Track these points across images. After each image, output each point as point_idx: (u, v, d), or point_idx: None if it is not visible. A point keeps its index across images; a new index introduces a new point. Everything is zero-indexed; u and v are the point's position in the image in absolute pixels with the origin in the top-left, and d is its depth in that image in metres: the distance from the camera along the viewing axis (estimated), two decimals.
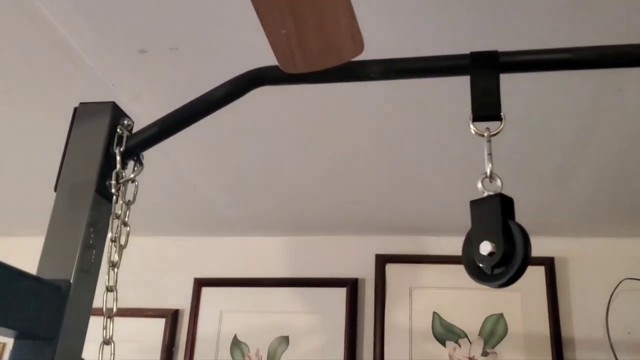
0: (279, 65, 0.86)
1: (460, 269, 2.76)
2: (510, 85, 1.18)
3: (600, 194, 2.01)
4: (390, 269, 2.43)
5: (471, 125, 0.84)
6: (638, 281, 2.20)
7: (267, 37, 0.82)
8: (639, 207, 2.08)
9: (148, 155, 1.01)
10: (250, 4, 0.75)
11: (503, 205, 0.78)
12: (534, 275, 2.34)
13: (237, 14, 1.21)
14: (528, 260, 0.74)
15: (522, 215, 2.09)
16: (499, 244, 0.75)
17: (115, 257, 0.86)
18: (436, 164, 1.88)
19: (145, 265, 2.56)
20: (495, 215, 0.77)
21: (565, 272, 2.34)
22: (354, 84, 1.38)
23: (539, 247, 2.36)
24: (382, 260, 2.42)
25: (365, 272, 2.42)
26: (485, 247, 0.76)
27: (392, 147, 1.79)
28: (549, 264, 2.34)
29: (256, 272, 2.49)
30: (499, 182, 0.81)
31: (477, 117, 0.84)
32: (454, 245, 2.42)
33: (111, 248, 0.87)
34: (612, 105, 1.51)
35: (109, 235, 0.86)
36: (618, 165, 1.82)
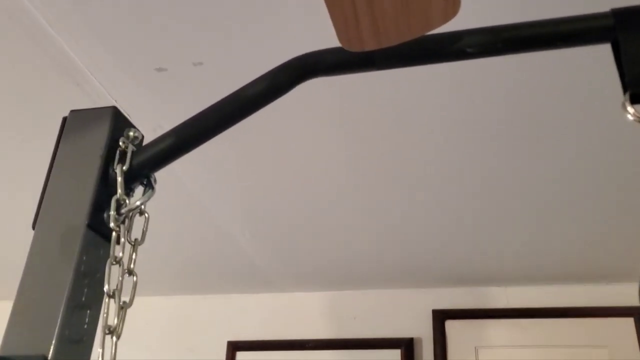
0: (340, 41, 0.61)
1: (534, 323, 2.38)
2: None
3: None
4: (451, 326, 2.11)
5: (629, 108, 0.57)
6: None
7: (327, 3, 0.57)
8: None
9: (163, 188, 0.76)
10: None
11: None
12: (622, 328, 1.99)
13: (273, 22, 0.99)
14: None
15: (597, 262, 1.77)
16: None
17: (114, 321, 0.60)
18: (499, 205, 1.60)
19: (171, 329, 2.28)
20: None
21: None
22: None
23: (627, 294, 2.02)
24: (441, 317, 2.11)
25: (422, 330, 2.11)
26: None
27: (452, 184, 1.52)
28: (639, 314, 1.99)
29: (297, 332, 2.18)
30: None
31: (635, 96, 0.57)
32: (523, 296, 2.10)
33: (108, 307, 0.60)
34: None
35: (105, 288, 0.60)
36: None
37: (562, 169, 1.46)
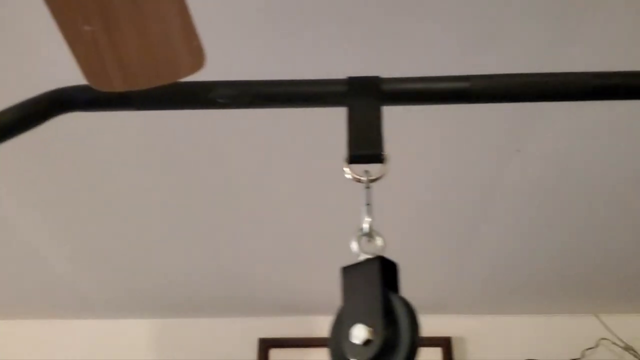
0: (86, 79, 0.62)
1: None
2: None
3: (498, 270, 1.89)
4: (276, 354, 2.14)
5: (346, 168, 0.63)
6: None
7: (64, 37, 0.59)
8: (540, 283, 1.97)
9: None
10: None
11: (384, 272, 0.56)
12: (430, 358, 2.14)
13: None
14: (415, 350, 0.52)
15: (419, 293, 1.91)
16: (378, 327, 0.53)
17: None
18: (324, 231, 1.68)
19: None
20: (373, 287, 0.55)
21: (463, 353, 2.17)
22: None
23: (435, 326, 2.18)
24: (266, 345, 2.14)
25: (247, 359, 2.12)
26: (360, 333, 0.53)
27: (273, 212, 1.58)
28: (446, 344, 2.15)
29: None
30: (379, 242, 0.60)
31: (354, 157, 0.64)
32: None
33: None
34: (512, 170, 1.39)
35: None
36: (517, 240, 1.70)
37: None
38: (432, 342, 2.15)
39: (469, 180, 1.42)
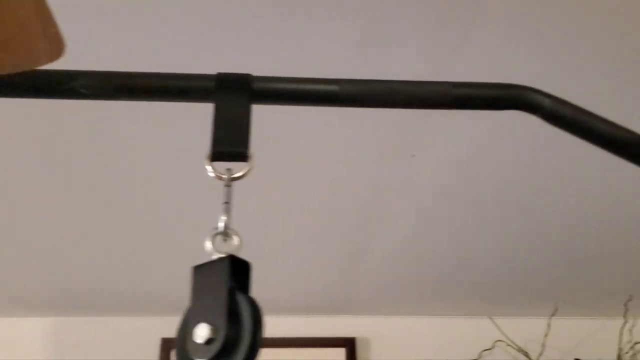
0: None
1: (262, 352, 2.47)
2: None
3: (398, 272, 1.93)
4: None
5: (208, 166, 0.63)
6: None
7: None
8: (442, 284, 2.03)
9: None
10: None
11: (234, 272, 0.56)
12: (335, 358, 2.17)
13: None
14: (257, 349, 0.52)
15: (319, 293, 1.92)
16: (220, 326, 0.52)
17: None
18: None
19: None
20: (220, 287, 0.55)
21: (367, 354, 2.21)
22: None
23: (339, 327, 2.21)
24: (168, 346, 2.09)
25: (148, 359, 2.07)
26: (202, 332, 0.53)
27: (172, 212, 1.54)
28: (350, 345, 2.19)
29: None
30: (236, 241, 0.59)
31: (216, 155, 0.63)
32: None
33: None
34: (406, 172, 1.42)
35: None
36: (415, 240, 1.75)
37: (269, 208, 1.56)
38: (336, 342, 2.17)
39: (365, 182, 1.44)
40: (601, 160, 0.79)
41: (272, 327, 2.31)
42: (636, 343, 2.11)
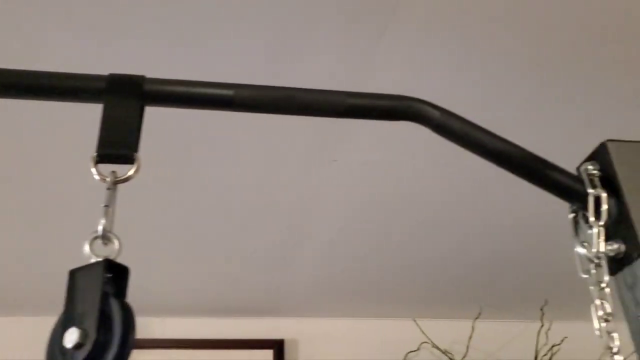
0: None
1: (184, 354, 2.44)
2: None
3: (325, 275, 1.95)
4: None
5: (93, 168, 0.62)
6: None
7: None
8: (369, 286, 2.06)
9: None
10: None
11: (109, 276, 0.55)
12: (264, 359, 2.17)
13: None
14: (126, 355, 0.52)
15: (247, 295, 1.92)
16: (90, 331, 0.52)
17: None
18: (150, 239, 1.64)
19: None
20: (93, 291, 0.54)
21: (295, 355, 2.22)
22: None
23: (268, 329, 2.21)
24: None
25: None
26: (72, 337, 0.52)
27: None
28: (278, 346, 2.19)
29: None
30: (116, 245, 0.59)
31: (101, 156, 0.62)
32: (180, 328, 2.16)
33: None
34: (329, 176, 1.44)
35: None
36: (341, 243, 1.76)
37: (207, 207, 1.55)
38: (264, 344, 2.17)
39: (289, 186, 1.45)
40: None
41: (200, 328, 2.32)
42: (553, 346, 2.20)
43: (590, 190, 0.65)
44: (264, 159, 1.35)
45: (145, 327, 2.15)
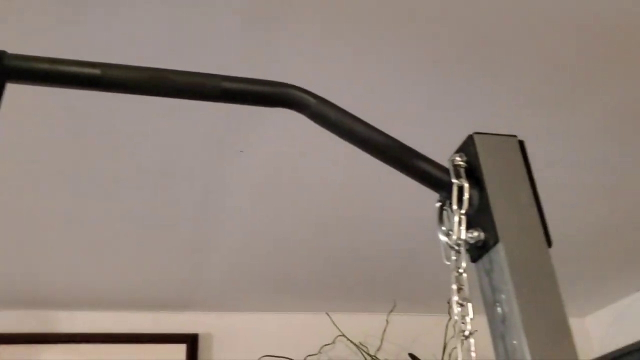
0: None
1: (94, 349, 2.37)
2: None
3: (238, 269, 1.93)
4: (5, 351, 1.97)
5: None
6: (276, 358, 2.16)
7: None
8: (283, 280, 2.06)
9: None
10: None
11: None
12: (175, 354, 2.13)
13: None
14: None
15: (162, 289, 1.87)
16: None
17: None
18: (56, 221, 1.58)
19: None
20: None
21: (209, 349, 2.19)
22: None
23: (183, 323, 2.18)
24: None
25: None
26: None
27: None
28: (191, 341, 2.16)
29: None
30: None
31: None
32: (90, 322, 2.09)
33: None
34: (236, 168, 1.43)
35: None
36: (254, 236, 1.75)
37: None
38: (177, 338, 2.14)
39: (197, 177, 1.43)
40: None
41: (113, 322, 2.26)
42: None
43: (454, 180, 0.67)
44: (171, 148, 1.32)
45: (52, 321, 2.08)
